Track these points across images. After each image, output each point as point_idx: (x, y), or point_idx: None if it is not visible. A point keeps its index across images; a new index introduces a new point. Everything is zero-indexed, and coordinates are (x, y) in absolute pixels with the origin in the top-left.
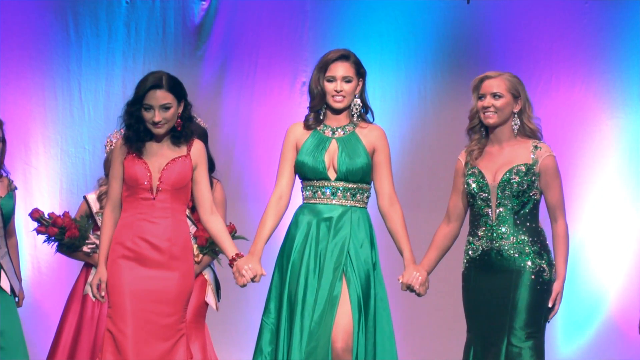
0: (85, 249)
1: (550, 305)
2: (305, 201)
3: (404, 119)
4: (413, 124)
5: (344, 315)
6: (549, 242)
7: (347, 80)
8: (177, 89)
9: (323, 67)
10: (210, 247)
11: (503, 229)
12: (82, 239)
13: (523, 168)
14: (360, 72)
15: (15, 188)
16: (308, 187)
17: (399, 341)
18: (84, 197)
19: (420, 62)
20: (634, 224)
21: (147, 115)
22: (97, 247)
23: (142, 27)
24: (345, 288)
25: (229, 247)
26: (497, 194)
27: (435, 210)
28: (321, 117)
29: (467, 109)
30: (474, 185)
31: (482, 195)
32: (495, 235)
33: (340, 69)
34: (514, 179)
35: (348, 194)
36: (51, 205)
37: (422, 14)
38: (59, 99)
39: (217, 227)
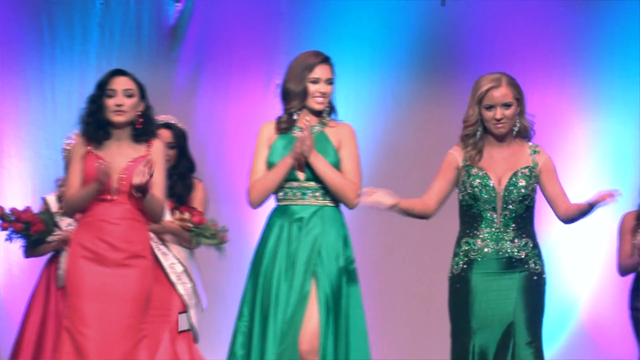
0: (49, 238)
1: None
2: (277, 203)
3: (378, 121)
4: (387, 126)
5: (310, 317)
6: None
7: (329, 82)
8: (140, 84)
9: (307, 68)
10: (200, 233)
11: (507, 232)
12: (48, 232)
13: (527, 171)
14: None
15: None
16: (279, 189)
17: (373, 340)
18: (43, 199)
19: (395, 64)
20: (606, 228)
21: (110, 101)
22: (61, 238)
23: (116, 29)
24: (314, 288)
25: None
26: (504, 197)
27: None
28: (294, 119)
29: (441, 110)
30: (479, 187)
31: (486, 197)
32: (499, 238)
33: (325, 71)
34: (521, 182)
35: (318, 193)
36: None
37: (396, 16)
38: (32, 100)
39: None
